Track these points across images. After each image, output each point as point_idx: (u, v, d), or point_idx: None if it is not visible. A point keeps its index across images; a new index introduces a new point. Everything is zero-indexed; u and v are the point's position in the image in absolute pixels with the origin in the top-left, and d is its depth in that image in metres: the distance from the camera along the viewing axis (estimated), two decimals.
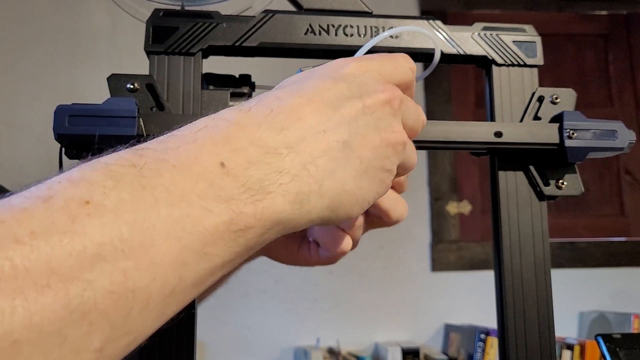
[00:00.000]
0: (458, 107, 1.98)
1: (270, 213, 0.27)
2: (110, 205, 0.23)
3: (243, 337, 1.75)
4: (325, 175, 0.29)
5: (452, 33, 0.42)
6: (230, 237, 0.26)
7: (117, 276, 0.22)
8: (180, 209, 0.24)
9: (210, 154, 0.26)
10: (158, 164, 0.25)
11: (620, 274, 1.91)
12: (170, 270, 0.24)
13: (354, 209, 0.31)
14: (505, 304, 0.39)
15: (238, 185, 0.26)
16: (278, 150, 0.28)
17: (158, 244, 0.24)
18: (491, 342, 1.59)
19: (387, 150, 0.31)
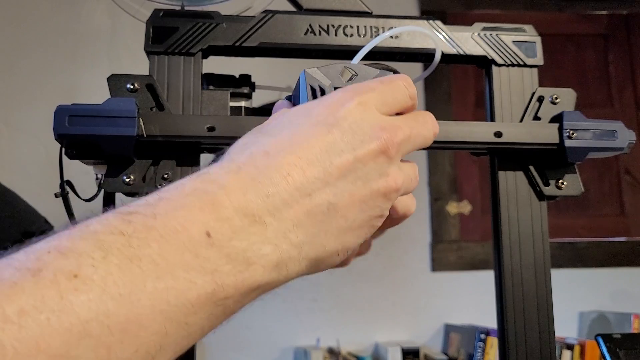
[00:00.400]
0: (458, 107, 1.98)
1: (251, 283, 0.28)
2: (97, 278, 0.24)
3: (243, 337, 1.75)
4: (305, 240, 0.29)
5: (452, 33, 0.42)
6: (211, 307, 0.27)
7: (101, 351, 0.23)
8: (165, 281, 0.25)
9: (197, 223, 0.27)
10: (146, 231, 0.26)
11: (620, 274, 1.91)
12: (152, 341, 0.25)
13: (336, 261, 0.32)
14: (505, 304, 0.39)
15: (222, 255, 0.27)
16: (262, 219, 0.28)
17: (142, 318, 0.24)
18: (491, 342, 1.59)
19: (377, 200, 0.31)
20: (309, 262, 0.30)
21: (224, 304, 0.27)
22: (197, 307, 0.26)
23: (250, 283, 0.28)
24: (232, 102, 0.41)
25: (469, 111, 1.99)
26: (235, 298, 0.28)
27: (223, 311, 0.28)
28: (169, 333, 0.25)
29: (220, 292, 0.27)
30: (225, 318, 0.29)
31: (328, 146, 0.30)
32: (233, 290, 0.27)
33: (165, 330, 0.25)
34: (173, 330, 0.25)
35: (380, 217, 0.32)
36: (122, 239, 0.25)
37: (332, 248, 0.31)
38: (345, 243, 0.31)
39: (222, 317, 0.28)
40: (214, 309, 0.27)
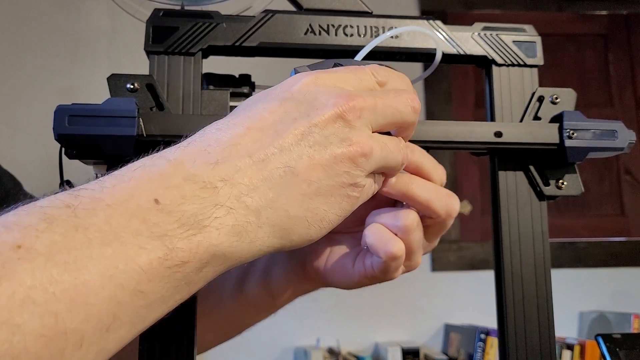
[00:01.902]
0: (458, 107, 1.98)
1: (206, 247, 0.27)
2: (42, 248, 0.23)
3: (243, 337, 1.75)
4: (263, 204, 0.28)
5: (452, 33, 0.42)
6: (166, 273, 0.26)
7: (48, 319, 0.22)
8: (113, 247, 0.25)
9: (145, 191, 0.26)
10: (93, 203, 0.26)
11: (620, 274, 1.91)
12: (104, 310, 0.24)
13: (310, 232, 0.30)
14: (505, 304, 0.39)
15: (172, 220, 0.26)
16: (213, 184, 0.27)
17: (90, 285, 0.24)
18: (491, 342, 1.59)
19: (342, 165, 0.30)
20: (274, 230, 0.29)
21: (183, 272, 0.26)
22: (150, 273, 0.25)
23: (206, 246, 0.27)
24: (232, 102, 0.41)
25: (469, 111, 1.99)
26: (194, 264, 0.27)
27: (183, 279, 0.27)
28: (122, 301, 0.25)
29: (173, 256, 0.26)
30: (189, 287, 0.28)
31: (281, 116, 0.30)
32: (188, 254, 0.26)
33: (118, 298, 0.24)
34: (127, 299, 0.25)
35: (353, 186, 0.31)
36: (68, 210, 0.25)
37: (298, 214, 0.29)
38: (314, 210, 0.30)
39: (185, 288, 0.27)
40: (172, 277, 0.26)
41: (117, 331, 0.25)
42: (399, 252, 0.37)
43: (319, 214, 0.30)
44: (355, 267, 0.41)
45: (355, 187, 0.31)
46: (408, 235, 0.37)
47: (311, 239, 0.31)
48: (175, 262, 0.26)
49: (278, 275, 0.48)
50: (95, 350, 0.24)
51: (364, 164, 0.31)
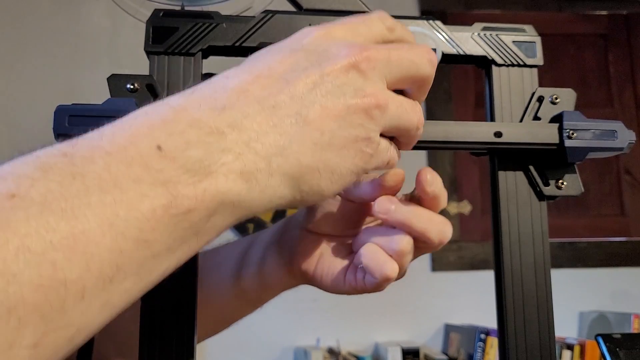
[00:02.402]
0: (458, 107, 1.98)
1: (213, 194, 0.25)
2: (37, 196, 0.22)
3: (243, 337, 1.75)
4: (273, 152, 0.27)
5: (452, 33, 0.42)
6: (171, 221, 0.24)
7: (46, 268, 0.21)
8: (113, 195, 0.23)
9: (147, 138, 0.25)
10: (91, 151, 0.24)
11: (620, 274, 1.91)
12: (106, 259, 0.23)
13: (322, 184, 0.29)
14: (505, 304, 0.39)
15: (176, 167, 0.25)
16: (220, 130, 0.26)
17: (89, 233, 0.22)
18: (491, 342, 1.59)
19: (356, 116, 0.29)
20: (285, 178, 0.27)
21: (189, 220, 0.25)
22: (153, 222, 0.24)
23: (213, 193, 0.25)
24: None
25: (469, 111, 1.99)
26: (201, 212, 0.25)
27: (191, 228, 0.25)
28: (124, 251, 0.23)
29: (178, 203, 0.24)
30: (198, 238, 0.26)
31: (292, 65, 0.29)
32: (194, 202, 0.25)
33: (120, 247, 0.23)
34: (130, 248, 0.23)
35: (367, 141, 0.29)
36: (65, 159, 0.24)
37: (310, 163, 0.28)
38: (326, 161, 0.28)
39: (194, 239, 0.26)
40: (178, 226, 0.25)
41: (121, 283, 0.24)
42: (393, 274, 0.37)
43: (331, 165, 0.29)
44: (347, 279, 0.41)
45: (369, 142, 0.30)
46: (402, 258, 0.37)
47: (322, 193, 0.29)
48: (180, 210, 0.24)
49: (271, 269, 0.47)
50: (98, 303, 0.23)
51: (379, 118, 0.30)
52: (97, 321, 0.24)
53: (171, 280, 0.36)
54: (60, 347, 0.22)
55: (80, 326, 0.23)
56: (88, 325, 0.23)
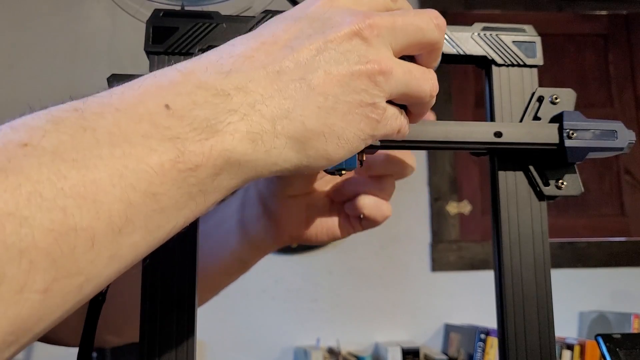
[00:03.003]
0: (458, 107, 1.98)
1: (220, 151, 0.26)
2: (49, 146, 0.23)
3: (243, 337, 1.75)
4: (278, 114, 0.28)
5: (452, 33, 0.42)
6: (179, 176, 0.25)
7: (57, 214, 0.22)
8: (122, 148, 0.24)
9: (155, 97, 0.26)
10: (101, 107, 0.25)
11: (620, 274, 1.91)
12: (115, 210, 0.23)
13: (329, 149, 0.29)
14: (505, 304, 0.39)
15: (183, 124, 0.26)
16: (225, 92, 0.27)
17: (99, 183, 0.23)
18: (491, 342, 1.59)
19: (360, 82, 0.29)
20: (290, 142, 0.28)
21: (196, 177, 0.26)
22: (162, 175, 0.25)
23: (219, 150, 0.26)
24: None
25: (469, 111, 2.00)
26: (208, 170, 0.26)
27: (197, 185, 0.26)
28: (133, 202, 0.24)
29: (185, 159, 0.25)
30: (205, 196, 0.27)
31: (296, 33, 0.29)
32: (201, 158, 0.25)
33: (129, 198, 0.24)
34: (139, 200, 0.24)
35: (372, 107, 0.30)
36: (76, 113, 0.24)
37: (315, 127, 0.28)
38: (332, 126, 0.29)
39: (200, 197, 0.26)
40: (185, 181, 0.25)
41: (130, 235, 0.24)
42: (391, 212, 0.45)
43: (337, 130, 0.29)
44: (343, 228, 0.47)
45: (374, 108, 0.30)
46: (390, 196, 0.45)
47: (329, 158, 0.30)
48: (188, 165, 0.25)
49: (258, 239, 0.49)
50: (107, 253, 0.24)
51: (383, 84, 0.30)
52: (106, 273, 0.24)
53: (171, 280, 0.36)
54: (69, 295, 0.23)
55: (89, 275, 0.23)
56: (97, 275, 0.24)
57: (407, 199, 1.85)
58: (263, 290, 1.78)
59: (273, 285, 1.79)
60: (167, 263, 0.36)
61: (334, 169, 0.35)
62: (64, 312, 0.24)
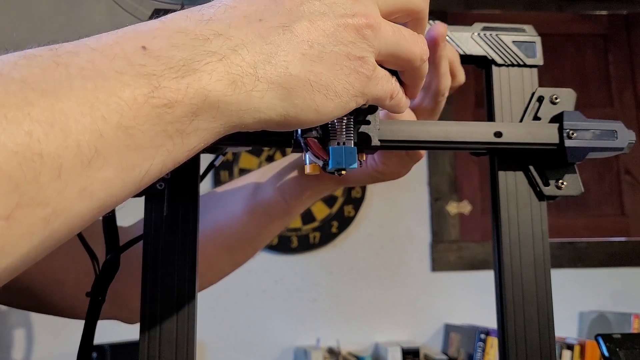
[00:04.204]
0: (458, 107, 1.98)
1: (197, 89, 0.25)
2: (18, 76, 0.22)
3: (243, 337, 1.75)
4: (260, 58, 0.27)
5: (452, 33, 0.42)
6: (153, 111, 0.24)
7: (22, 137, 0.21)
8: (94, 81, 0.23)
9: (132, 40, 0.25)
10: (76, 47, 0.25)
11: (620, 274, 1.91)
12: (84, 140, 0.23)
13: (317, 100, 0.28)
14: (505, 304, 0.39)
15: (159, 64, 0.25)
16: (205, 36, 0.26)
17: (68, 111, 0.22)
18: (491, 342, 1.59)
19: (346, 34, 0.29)
20: (274, 87, 0.27)
21: (172, 114, 0.25)
22: (135, 109, 0.24)
23: (196, 89, 0.25)
24: None
25: (469, 111, 1.99)
26: (184, 107, 0.25)
27: (174, 124, 0.25)
28: (104, 135, 0.23)
29: (160, 94, 0.24)
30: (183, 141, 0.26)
31: None
32: (176, 95, 0.25)
33: (100, 129, 0.23)
34: (110, 133, 0.23)
35: (361, 61, 0.29)
36: (50, 52, 0.24)
37: (299, 73, 0.28)
38: (318, 74, 0.28)
39: (177, 137, 0.26)
40: (161, 118, 0.25)
41: (101, 170, 0.23)
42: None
43: (324, 80, 0.28)
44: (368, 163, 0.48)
45: (363, 62, 0.29)
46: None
47: (317, 110, 0.29)
48: (162, 101, 0.24)
49: (291, 179, 0.51)
50: (77, 186, 0.23)
51: (371, 38, 0.29)
52: (76, 208, 0.23)
53: (171, 280, 0.36)
54: (34, 226, 0.22)
55: (56, 207, 0.22)
56: (65, 209, 0.23)
57: (407, 199, 1.85)
58: (263, 290, 1.78)
59: (273, 285, 1.79)
60: (167, 263, 0.36)
61: (333, 168, 0.35)
62: (31, 247, 0.23)
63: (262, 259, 1.79)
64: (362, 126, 0.36)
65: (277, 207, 0.53)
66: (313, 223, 1.82)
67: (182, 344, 0.35)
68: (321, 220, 1.82)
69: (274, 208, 0.53)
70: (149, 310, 0.35)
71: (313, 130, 0.34)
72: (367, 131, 0.36)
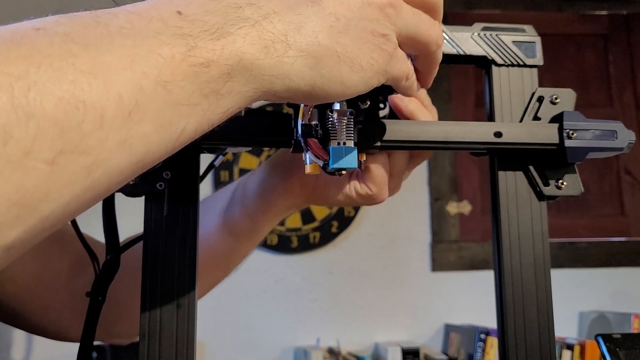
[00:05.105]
0: (458, 107, 1.98)
1: (231, 51, 0.26)
2: (61, 31, 0.23)
3: (243, 337, 1.75)
4: (290, 27, 0.28)
5: (452, 33, 0.42)
6: (190, 70, 0.25)
7: (66, 84, 0.22)
8: (134, 40, 0.24)
9: (168, 5, 0.26)
10: (115, 10, 0.26)
11: (620, 274, 1.91)
12: (125, 91, 0.23)
13: (343, 71, 0.29)
14: (505, 304, 0.39)
15: (195, 26, 0.26)
16: (238, 4, 0.27)
17: (110, 64, 0.23)
18: (491, 342, 1.59)
19: (371, 10, 0.30)
20: (304, 55, 0.28)
21: (207, 73, 0.26)
22: (173, 66, 0.25)
23: (230, 50, 0.26)
24: None
25: (469, 111, 1.99)
26: (219, 67, 0.26)
27: (209, 83, 0.26)
28: (144, 88, 0.24)
29: (196, 53, 0.25)
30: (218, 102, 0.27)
31: None
32: (212, 54, 0.26)
33: (140, 83, 0.24)
34: (150, 87, 0.24)
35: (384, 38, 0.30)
36: (90, 14, 0.25)
37: (328, 44, 0.29)
38: (345, 46, 0.29)
39: (212, 97, 0.26)
40: (197, 77, 0.25)
41: (140, 124, 0.24)
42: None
43: (350, 52, 0.29)
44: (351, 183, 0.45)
45: (386, 40, 0.30)
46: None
47: (343, 81, 0.30)
48: (199, 60, 0.25)
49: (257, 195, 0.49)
50: (117, 137, 0.23)
51: (394, 17, 0.31)
52: (116, 160, 0.24)
53: (171, 280, 0.36)
54: (77, 175, 0.23)
55: (98, 157, 0.23)
56: (106, 159, 0.23)
57: (407, 199, 1.85)
58: (263, 290, 1.78)
59: (273, 285, 1.79)
60: (167, 263, 0.36)
61: (333, 168, 0.35)
62: (72, 196, 0.23)
63: (262, 259, 1.79)
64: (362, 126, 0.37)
65: (244, 227, 0.51)
66: (313, 223, 1.83)
67: (182, 344, 0.35)
68: (321, 220, 1.82)
69: (240, 228, 0.51)
70: (149, 310, 0.36)
71: (313, 130, 0.34)
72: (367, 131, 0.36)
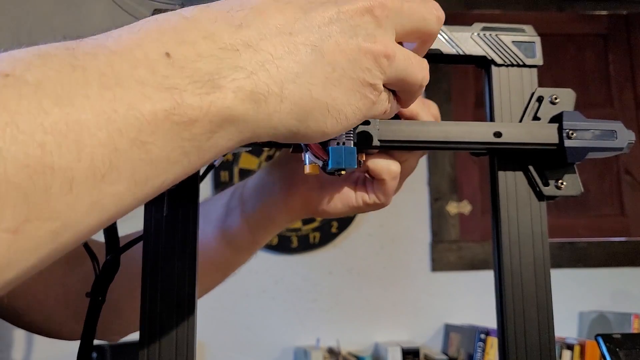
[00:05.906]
0: (458, 107, 1.98)
1: (219, 108, 0.24)
2: (32, 79, 0.21)
3: (243, 337, 1.75)
4: (287, 77, 0.27)
5: (451, 33, 0.42)
6: (173, 129, 0.23)
7: (33, 149, 0.20)
8: (113, 91, 0.22)
9: (155, 43, 0.24)
10: (95, 48, 0.23)
11: (620, 274, 1.91)
12: (99, 154, 0.22)
13: (327, 121, 0.29)
14: (505, 304, 0.39)
15: (183, 76, 0.24)
16: (234, 47, 0.25)
17: (84, 123, 0.21)
18: (491, 342, 1.59)
19: (366, 60, 0.29)
20: (295, 108, 0.27)
21: (191, 131, 0.24)
22: (153, 125, 0.23)
23: (219, 107, 0.24)
24: None
25: (469, 111, 1.99)
26: (204, 125, 0.24)
27: (192, 141, 0.24)
28: (120, 149, 0.22)
29: (181, 111, 0.23)
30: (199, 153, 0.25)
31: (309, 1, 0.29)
32: (198, 113, 0.24)
33: (115, 143, 0.22)
34: (125, 147, 0.22)
35: (372, 88, 0.30)
36: (67, 51, 0.23)
37: (320, 97, 0.28)
38: (335, 98, 0.28)
39: (194, 154, 0.25)
40: (179, 135, 0.24)
41: (114, 184, 0.22)
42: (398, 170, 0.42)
43: (338, 104, 0.29)
44: (357, 194, 0.45)
45: (373, 89, 0.30)
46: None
47: (325, 131, 0.29)
48: (183, 118, 0.23)
49: (258, 206, 0.48)
50: (88, 200, 0.22)
51: (386, 66, 0.30)
52: (86, 221, 0.23)
53: (171, 280, 0.36)
54: (42, 240, 0.21)
55: (66, 221, 0.22)
56: (75, 222, 0.22)
57: (407, 199, 1.85)
58: (263, 290, 1.78)
59: (273, 285, 1.79)
60: (167, 263, 0.36)
61: (333, 168, 0.35)
62: (37, 260, 0.22)
63: (262, 259, 1.79)
64: (361, 126, 0.37)
65: (243, 239, 0.50)
66: (313, 223, 1.83)
67: (182, 344, 0.35)
68: (321, 220, 1.82)
69: (240, 240, 0.50)
70: (148, 310, 0.35)
71: None
72: (367, 131, 0.36)
